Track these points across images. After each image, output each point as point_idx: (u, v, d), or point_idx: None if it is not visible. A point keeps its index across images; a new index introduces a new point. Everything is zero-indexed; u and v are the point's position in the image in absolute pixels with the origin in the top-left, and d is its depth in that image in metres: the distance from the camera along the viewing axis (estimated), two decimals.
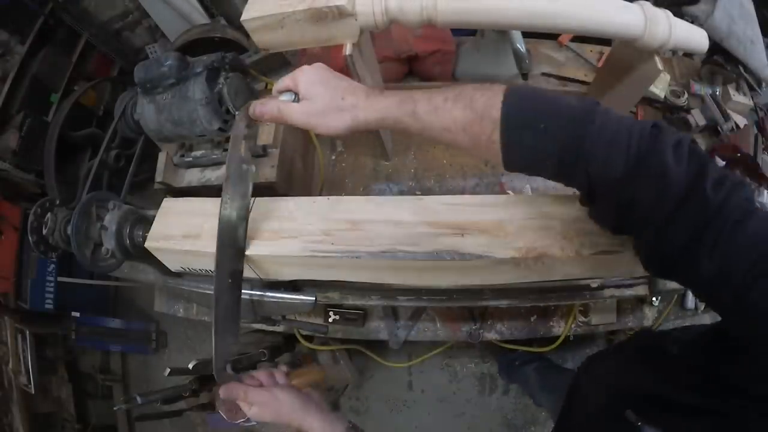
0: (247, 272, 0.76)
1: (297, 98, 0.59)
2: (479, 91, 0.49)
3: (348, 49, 0.72)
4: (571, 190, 0.52)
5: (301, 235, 0.68)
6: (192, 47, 1.41)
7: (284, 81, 0.60)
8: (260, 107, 0.60)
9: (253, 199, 0.74)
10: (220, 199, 0.64)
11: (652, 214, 0.42)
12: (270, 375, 0.68)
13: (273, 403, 0.62)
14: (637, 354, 0.69)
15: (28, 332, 1.74)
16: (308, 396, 0.65)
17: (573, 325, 1.10)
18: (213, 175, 1.04)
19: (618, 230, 0.50)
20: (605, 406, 0.62)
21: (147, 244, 0.76)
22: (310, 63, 0.61)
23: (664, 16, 0.70)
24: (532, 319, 1.12)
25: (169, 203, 0.80)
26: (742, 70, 1.13)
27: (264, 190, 1.03)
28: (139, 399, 0.95)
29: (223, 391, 0.63)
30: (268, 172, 1.01)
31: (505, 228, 0.63)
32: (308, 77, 0.58)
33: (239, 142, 0.64)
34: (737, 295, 0.37)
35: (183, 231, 0.74)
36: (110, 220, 0.85)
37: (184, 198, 0.80)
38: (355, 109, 0.56)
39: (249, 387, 0.63)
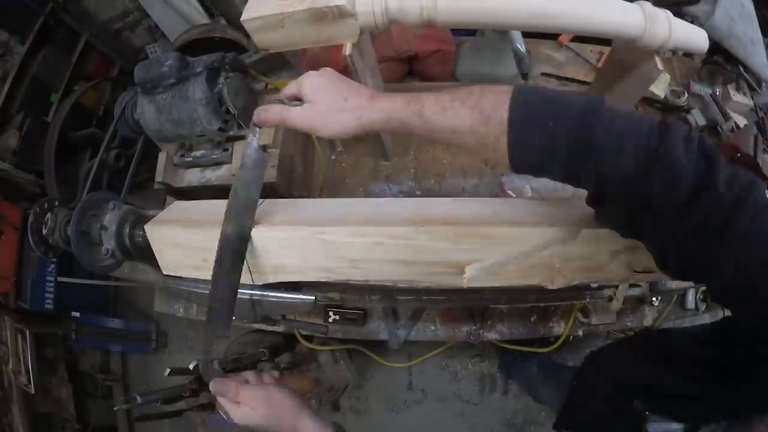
0: (245, 277, 0.77)
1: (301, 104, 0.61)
2: (487, 91, 0.49)
3: (348, 49, 0.72)
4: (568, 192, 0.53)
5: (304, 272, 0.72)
6: (192, 47, 1.41)
7: (290, 87, 0.61)
8: (263, 113, 0.61)
9: (261, 200, 0.74)
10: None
11: (664, 210, 0.41)
12: (259, 376, 0.67)
13: (267, 402, 0.60)
14: (643, 347, 0.70)
15: (28, 332, 1.73)
16: (300, 400, 0.63)
17: (573, 325, 1.10)
18: (213, 175, 1.04)
19: (628, 230, 0.49)
20: (612, 396, 0.63)
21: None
22: (310, 63, 0.61)
23: (664, 16, 0.70)
24: (532, 319, 1.12)
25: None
26: (742, 70, 1.13)
27: (264, 190, 1.03)
28: (139, 399, 0.95)
29: (213, 386, 0.62)
30: (268, 172, 1.01)
31: (505, 271, 0.66)
32: (312, 82, 0.58)
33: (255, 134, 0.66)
34: (755, 288, 0.37)
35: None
36: (110, 220, 0.85)
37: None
38: (359, 110, 0.56)
39: (241, 384, 0.62)
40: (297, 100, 0.60)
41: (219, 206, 0.81)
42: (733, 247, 0.38)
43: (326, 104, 0.57)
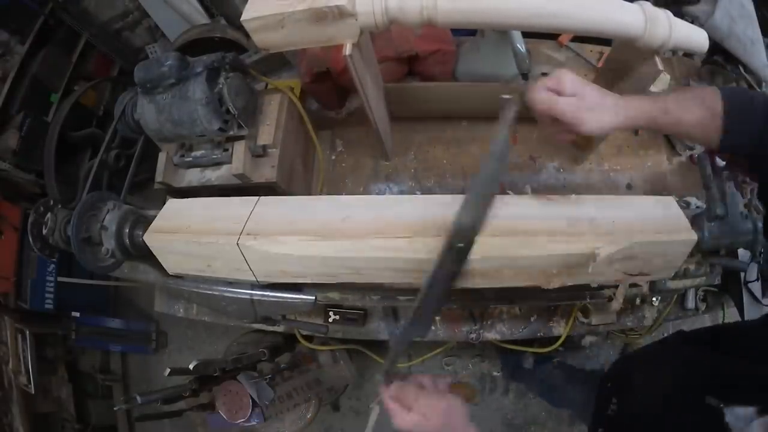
0: (246, 275, 0.77)
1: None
2: (704, 91, 0.65)
3: (348, 49, 0.72)
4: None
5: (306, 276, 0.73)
6: (192, 47, 1.41)
7: (550, 80, 0.62)
8: (534, 94, 0.62)
9: (257, 198, 0.75)
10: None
11: None
12: (435, 381, 0.65)
13: (446, 413, 0.59)
14: (704, 345, 0.71)
15: (28, 332, 1.73)
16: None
17: (573, 325, 1.10)
18: (213, 175, 1.04)
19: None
20: (676, 398, 0.64)
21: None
22: (310, 63, 0.61)
23: (664, 16, 0.70)
24: (532, 319, 1.12)
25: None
26: (742, 70, 1.13)
27: (264, 190, 1.03)
28: (139, 399, 0.95)
29: (393, 389, 0.61)
30: (268, 172, 1.01)
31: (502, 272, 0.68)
32: (573, 79, 0.62)
33: (506, 125, 0.61)
34: None
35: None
36: (110, 220, 0.85)
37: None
38: (619, 108, 0.63)
39: (422, 391, 0.61)
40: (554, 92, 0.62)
41: (214, 207, 0.81)
42: None
43: (594, 100, 0.61)
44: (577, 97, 0.60)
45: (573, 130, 0.62)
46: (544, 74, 1.26)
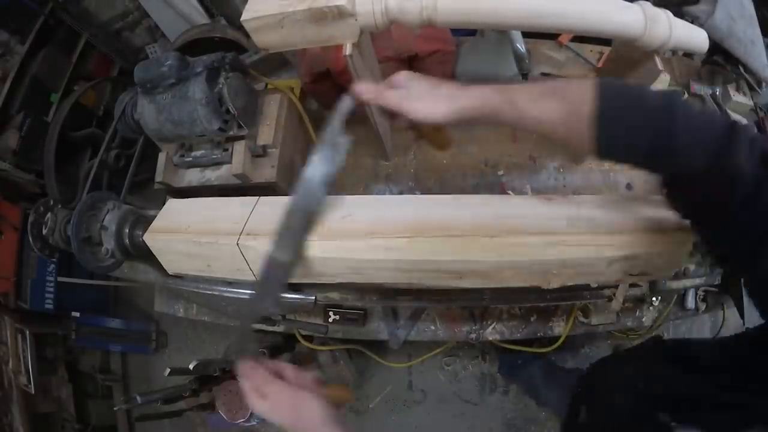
0: (247, 275, 0.77)
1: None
2: (572, 85, 0.53)
3: (348, 49, 0.72)
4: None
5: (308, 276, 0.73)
6: (192, 47, 1.41)
7: (386, 81, 0.63)
8: (359, 87, 0.63)
9: (257, 198, 0.75)
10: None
11: (722, 209, 0.46)
12: (298, 373, 0.61)
13: (293, 407, 0.55)
14: (664, 359, 0.71)
15: (28, 332, 1.73)
16: (335, 410, 0.58)
17: (573, 325, 1.10)
18: (213, 175, 1.04)
19: (691, 218, 0.54)
20: (633, 410, 0.63)
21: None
22: (310, 63, 0.61)
23: (664, 16, 0.70)
24: (532, 319, 1.12)
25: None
26: (742, 70, 1.13)
27: (264, 190, 1.03)
28: (139, 399, 0.95)
29: (242, 368, 0.58)
30: (268, 172, 1.01)
31: (502, 272, 0.67)
32: (407, 73, 0.62)
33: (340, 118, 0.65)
34: None
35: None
36: (110, 220, 0.85)
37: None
38: (453, 96, 0.58)
39: (271, 377, 0.57)
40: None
41: (213, 207, 0.81)
42: None
43: (422, 89, 0.60)
44: (405, 89, 0.61)
45: (403, 119, 0.62)
46: (545, 74, 1.26)
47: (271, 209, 0.77)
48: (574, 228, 0.67)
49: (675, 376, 0.62)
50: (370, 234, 0.68)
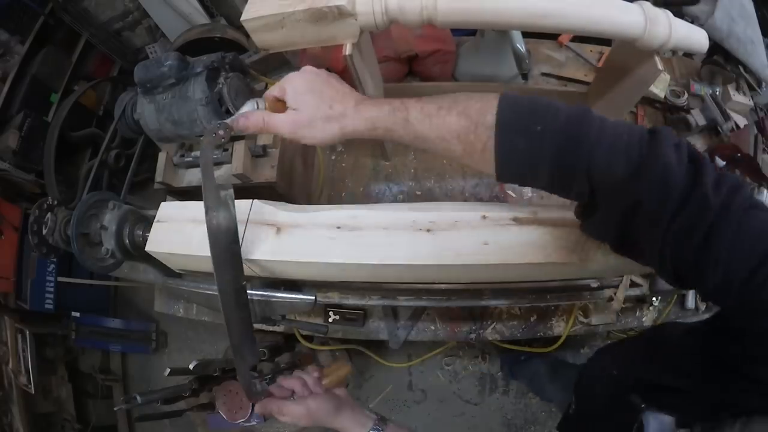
0: (247, 271, 0.76)
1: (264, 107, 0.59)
2: (473, 98, 0.48)
3: (348, 49, 0.72)
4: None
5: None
6: (192, 47, 1.41)
7: (273, 90, 0.59)
8: (243, 120, 0.58)
9: (251, 201, 0.74)
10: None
11: (655, 215, 0.40)
12: (303, 383, 0.68)
13: (307, 416, 0.64)
14: (640, 344, 0.71)
15: (28, 332, 1.73)
16: (338, 397, 0.67)
17: (573, 325, 1.10)
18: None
19: (619, 241, 0.47)
20: (611, 394, 0.64)
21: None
22: (310, 63, 0.60)
23: (664, 16, 0.70)
24: (532, 319, 1.12)
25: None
26: (742, 70, 1.13)
27: (264, 190, 1.03)
28: (139, 399, 0.95)
29: (258, 408, 0.65)
30: (268, 172, 1.01)
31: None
32: (296, 86, 0.56)
33: (210, 169, 0.59)
34: (743, 293, 0.37)
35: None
36: (110, 220, 0.85)
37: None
38: (344, 118, 0.54)
39: (282, 401, 0.64)
40: (281, 101, 0.58)
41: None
42: (721, 254, 0.37)
43: (311, 111, 0.55)
44: (295, 112, 0.55)
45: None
46: (544, 74, 1.26)
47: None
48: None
49: (648, 360, 0.62)
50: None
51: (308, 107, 0.55)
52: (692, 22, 0.85)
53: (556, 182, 0.46)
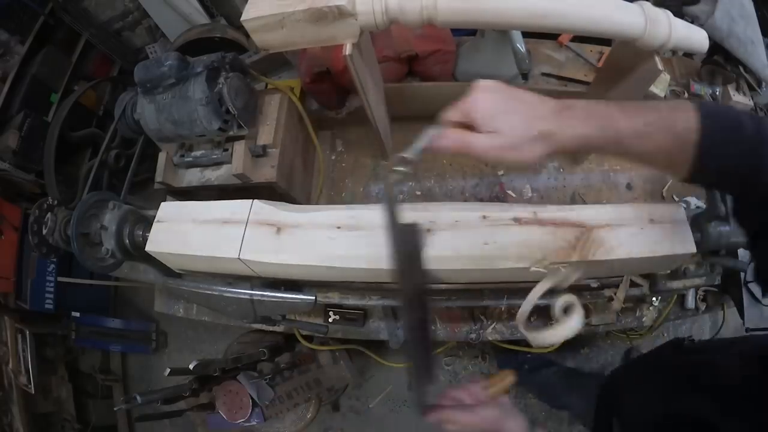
0: (247, 271, 0.77)
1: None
2: (676, 112, 0.51)
3: (348, 49, 0.72)
4: None
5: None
6: (192, 47, 1.41)
7: (454, 113, 0.54)
8: (444, 141, 0.54)
9: (251, 201, 0.74)
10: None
11: None
12: (470, 393, 0.70)
13: (480, 423, 0.65)
14: (687, 376, 0.71)
15: (28, 332, 1.73)
16: (504, 405, 0.68)
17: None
18: (213, 175, 1.04)
19: (759, 236, 0.55)
20: (658, 427, 0.65)
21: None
22: (310, 63, 0.60)
23: (664, 16, 0.70)
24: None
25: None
26: (742, 70, 1.13)
27: (264, 190, 1.03)
28: (139, 399, 0.95)
29: (430, 419, 0.67)
30: (268, 172, 1.01)
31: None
32: (484, 111, 0.52)
33: (394, 206, 0.58)
34: None
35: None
36: (110, 220, 0.85)
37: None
38: (551, 137, 0.51)
39: (455, 413, 0.66)
40: (463, 126, 0.53)
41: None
42: None
43: (514, 134, 0.51)
44: (496, 135, 0.51)
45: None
46: (545, 74, 1.26)
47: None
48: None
49: (698, 397, 0.62)
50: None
51: (509, 129, 0.51)
52: (692, 22, 0.85)
53: (736, 188, 0.53)
